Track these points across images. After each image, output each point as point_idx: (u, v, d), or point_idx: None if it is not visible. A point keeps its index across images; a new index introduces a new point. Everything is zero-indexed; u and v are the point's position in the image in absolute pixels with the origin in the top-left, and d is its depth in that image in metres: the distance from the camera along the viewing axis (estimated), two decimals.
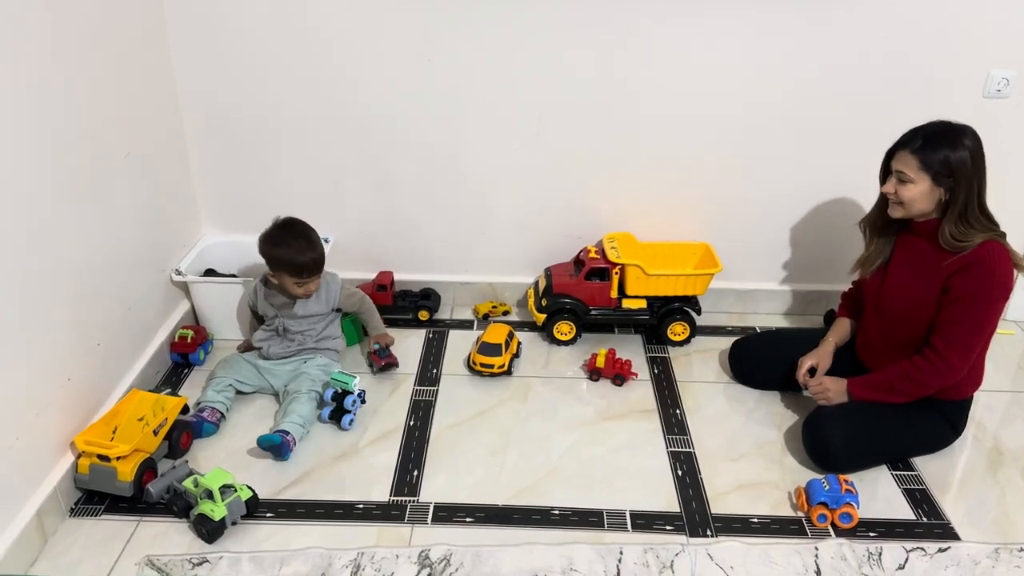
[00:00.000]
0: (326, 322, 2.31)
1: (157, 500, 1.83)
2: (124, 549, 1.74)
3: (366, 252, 2.67)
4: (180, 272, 2.40)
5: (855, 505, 1.83)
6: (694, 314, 2.53)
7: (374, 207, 2.60)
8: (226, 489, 1.77)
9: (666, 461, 2.05)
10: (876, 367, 2.07)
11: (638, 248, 2.55)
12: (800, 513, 1.88)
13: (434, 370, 2.41)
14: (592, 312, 2.51)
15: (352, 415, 2.12)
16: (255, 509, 1.83)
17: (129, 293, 2.17)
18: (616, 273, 2.46)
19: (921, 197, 1.87)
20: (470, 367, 2.39)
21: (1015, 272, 1.87)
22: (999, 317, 1.93)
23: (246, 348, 2.38)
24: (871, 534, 1.84)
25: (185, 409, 2.06)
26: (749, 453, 2.08)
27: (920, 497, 1.95)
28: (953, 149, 1.81)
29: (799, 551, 1.76)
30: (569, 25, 2.29)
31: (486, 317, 2.68)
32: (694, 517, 1.87)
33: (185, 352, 2.37)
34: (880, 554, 1.76)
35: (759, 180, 2.52)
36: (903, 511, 1.91)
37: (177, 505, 1.81)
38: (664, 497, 1.93)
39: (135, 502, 1.85)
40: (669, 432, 2.16)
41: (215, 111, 2.43)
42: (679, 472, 2.01)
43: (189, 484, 1.79)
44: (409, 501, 1.90)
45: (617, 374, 2.34)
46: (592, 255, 2.50)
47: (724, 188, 2.54)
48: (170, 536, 1.78)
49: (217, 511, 1.74)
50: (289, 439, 1.99)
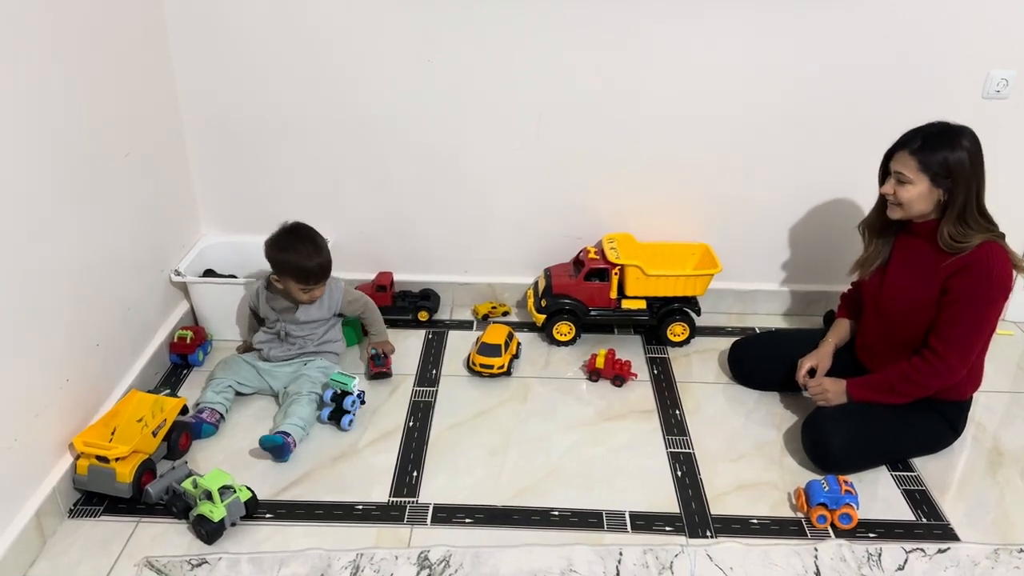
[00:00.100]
0: (327, 327, 2.31)
1: (156, 501, 1.82)
2: (123, 550, 1.74)
3: (366, 252, 2.67)
4: (179, 272, 2.40)
5: (855, 506, 1.83)
6: (694, 315, 2.53)
7: (374, 207, 2.59)
8: (225, 490, 1.76)
9: (666, 462, 2.05)
10: (875, 368, 2.07)
11: (638, 248, 2.55)
12: (800, 514, 1.88)
13: (434, 371, 2.41)
14: (592, 313, 2.51)
15: (351, 416, 2.12)
16: (254, 510, 1.82)
17: (128, 293, 2.16)
18: (616, 274, 2.46)
19: (920, 198, 1.87)
20: (470, 368, 2.39)
21: (1014, 273, 1.87)
22: (998, 318, 1.93)
23: (246, 349, 2.38)
24: (871, 535, 1.84)
25: (184, 410, 2.06)
26: (749, 454, 2.08)
27: (919, 498, 1.95)
28: (952, 150, 1.81)
29: (799, 552, 1.76)
30: (569, 25, 2.29)
31: (486, 318, 2.68)
32: (694, 518, 1.87)
33: (184, 353, 2.36)
34: (880, 555, 1.76)
35: (759, 180, 2.52)
36: (903, 512, 1.91)
37: (176, 506, 1.81)
38: (664, 498, 1.93)
39: (134, 503, 1.84)
40: (669, 433, 2.16)
41: (215, 111, 2.43)
42: (679, 473, 2.01)
43: (188, 485, 1.79)
44: (408, 502, 1.90)
45: (617, 375, 2.34)
46: (592, 255, 2.50)
47: (724, 188, 2.54)
48: (169, 537, 1.77)
49: (216, 512, 1.74)
50: (290, 440, 1.99)
